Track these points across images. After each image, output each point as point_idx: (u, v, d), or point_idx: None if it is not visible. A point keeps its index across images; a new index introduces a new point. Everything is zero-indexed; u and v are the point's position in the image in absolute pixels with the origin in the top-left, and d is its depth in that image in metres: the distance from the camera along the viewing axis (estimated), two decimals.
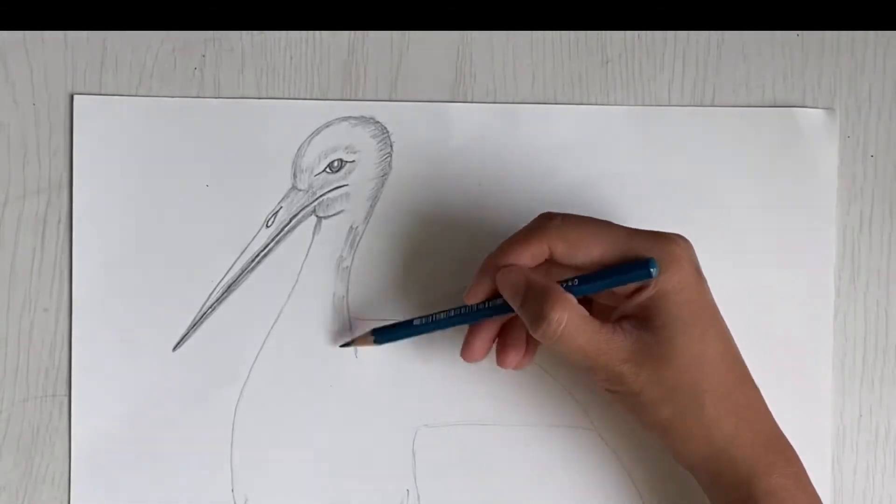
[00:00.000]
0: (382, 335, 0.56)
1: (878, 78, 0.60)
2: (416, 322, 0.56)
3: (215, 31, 0.59)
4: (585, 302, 0.52)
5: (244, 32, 0.59)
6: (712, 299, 0.52)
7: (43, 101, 0.58)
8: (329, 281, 0.58)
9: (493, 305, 0.53)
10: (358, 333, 0.57)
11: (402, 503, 0.58)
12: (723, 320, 0.52)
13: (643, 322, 0.50)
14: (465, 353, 0.55)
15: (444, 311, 0.55)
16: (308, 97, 0.59)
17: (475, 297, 0.53)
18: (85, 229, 0.58)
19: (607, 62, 0.59)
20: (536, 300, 0.50)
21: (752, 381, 0.52)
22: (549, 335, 0.50)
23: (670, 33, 0.59)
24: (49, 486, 0.58)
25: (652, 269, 0.50)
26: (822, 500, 0.51)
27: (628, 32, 0.59)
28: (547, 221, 0.52)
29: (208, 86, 0.59)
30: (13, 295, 0.58)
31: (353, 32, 0.59)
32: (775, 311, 0.59)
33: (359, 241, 0.58)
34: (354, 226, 0.58)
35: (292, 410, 0.58)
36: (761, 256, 0.59)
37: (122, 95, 0.58)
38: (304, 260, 0.58)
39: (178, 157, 0.58)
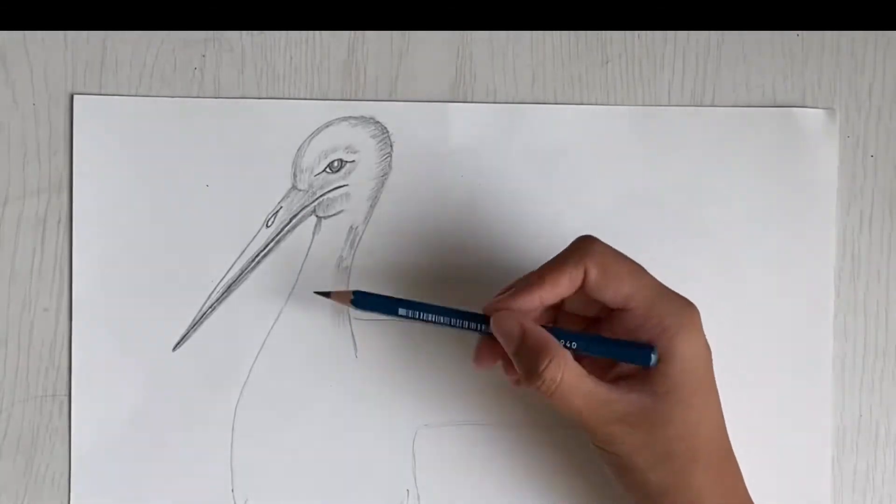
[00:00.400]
0: (363, 300, 0.54)
1: (878, 78, 0.60)
2: (400, 311, 0.54)
3: (215, 31, 0.59)
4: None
5: (244, 32, 0.59)
6: (713, 374, 0.51)
7: (43, 101, 0.58)
8: (329, 281, 0.58)
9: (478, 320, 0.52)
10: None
11: (402, 503, 0.58)
12: (718, 396, 0.51)
13: (644, 384, 0.49)
14: (477, 361, 0.53)
15: (431, 311, 0.53)
16: (308, 97, 0.59)
17: (504, 311, 0.51)
18: (85, 229, 0.58)
19: (607, 62, 0.59)
20: (532, 353, 0.49)
21: (733, 453, 0.52)
22: (542, 391, 0.49)
23: (670, 33, 0.59)
24: (49, 486, 0.58)
25: (652, 357, 0.49)
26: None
27: (628, 32, 0.59)
28: (590, 244, 0.50)
29: (208, 86, 0.59)
30: (13, 295, 0.58)
31: (353, 32, 0.59)
32: (775, 311, 0.59)
33: (359, 241, 0.58)
34: (354, 226, 0.58)
35: (292, 410, 0.58)
36: (761, 256, 0.59)
37: (122, 95, 0.58)
38: (304, 260, 0.58)
39: (178, 157, 0.58)
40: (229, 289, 0.58)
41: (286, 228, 0.58)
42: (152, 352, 0.58)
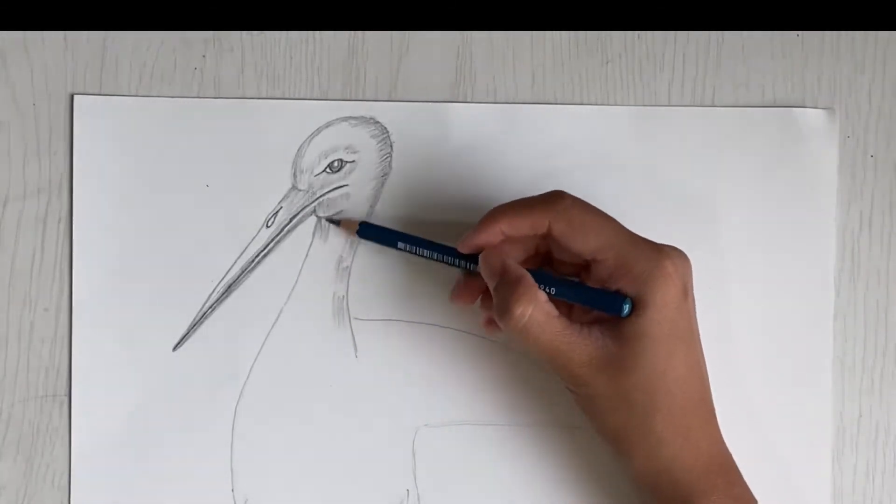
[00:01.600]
0: (367, 230, 0.57)
1: (878, 78, 0.60)
2: (399, 245, 0.56)
3: (215, 31, 0.59)
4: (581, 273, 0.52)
5: (244, 32, 0.59)
6: (692, 321, 0.51)
7: (43, 101, 0.58)
8: (329, 281, 0.58)
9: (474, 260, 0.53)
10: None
11: (402, 503, 0.58)
12: (697, 343, 0.51)
13: (613, 330, 0.50)
14: (454, 295, 0.55)
15: (430, 244, 0.55)
16: (308, 97, 0.59)
17: (467, 248, 0.53)
18: (85, 229, 0.58)
19: (607, 62, 0.59)
20: (506, 289, 0.50)
21: (709, 405, 0.52)
22: (510, 327, 0.50)
23: (670, 33, 0.59)
24: (49, 486, 0.58)
25: (625, 307, 0.50)
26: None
27: (628, 32, 0.59)
28: (557, 198, 0.52)
29: (208, 86, 0.59)
30: (13, 295, 0.58)
31: (353, 32, 0.59)
32: (775, 311, 0.59)
33: (359, 242, 0.58)
34: None
35: (292, 410, 0.58)
36: (761, 256, 0.59)
37: (122, 95, 0.58)
38: (304, 260, 0.58)
39: (178, 157, 0.58)
40: (229, 289, 0.58)
41: (286, 229, 0.58)
42: (152, 352, 0.58)
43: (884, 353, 0.59)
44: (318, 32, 0.59)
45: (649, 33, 0.59)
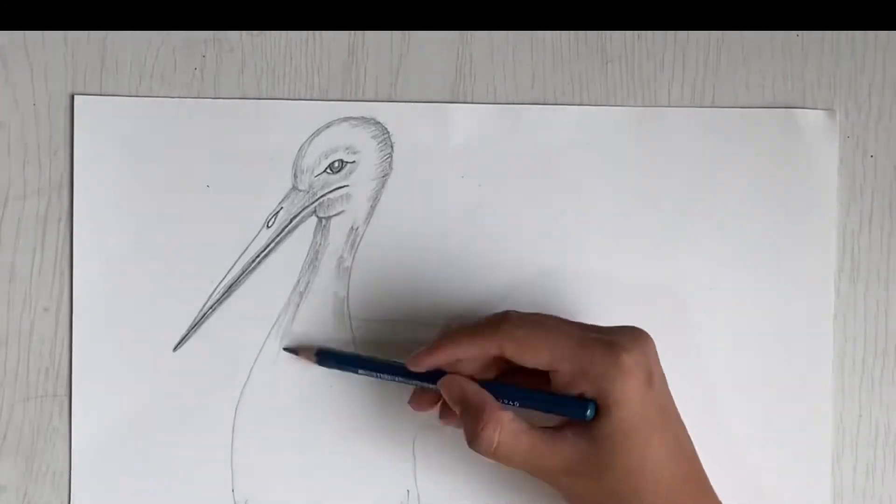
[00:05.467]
0: (326, 358, 0.57)
1: (878, 78, 0.60)
2: (360, 372, 0.56)
3: (215, 31, 0.59)
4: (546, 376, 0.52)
5: (244, 32, 0.59)
6: (664, 403, 0.51)
7: (43, 101, 0.58)
8: (330, 281, 0.58)
9: (432, 377, 0.53)
10: (305, 344, 0.58)
11: (402, 503, 0.58)
12: (673, 423, 0.51)
13: (585, 431, 0.50)
14: (412, 403, 0.55)
15: (388, 366, 0.55)
16: (308, 97, 0.59)
17: (417, 368, 0.53)
18: (85, 229, 0.58)
19: (607, 62, 0.59)
20: (470, 417, 0.50)
21: (699, 479, 0.52)
22: (482, 453, 0.50)
23: (670, 33, 0.59)
24: (49, 486, 0.58)
25: (588, 411, 0.49)
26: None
27: (628, 32, 0.59)
28: (502, 320, 0.52)
29: (208, 86, 0.59)
30: (13, 295, 0.58)
31: (353, 32, 0.59)
32: (775, 311, 0.59)
33: (359, 242, 0.58)
34: (355, 226, 0.58)
35: (292, 411, 0.58)
36: (761, 257, 0.59)
37: (122, 95, 0.58)
38: (305, 261, 0.58)
39: (179, 157, 0.58)
40: (230, 289, 0.58)
41: (287, 229, 0.58)
42: (153, 352, 0.58)
43: (884, 353, 0.59)
44: (318, 32, 0.59)
45: (649, 33, 0.59)
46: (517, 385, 0.52)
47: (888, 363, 0.59)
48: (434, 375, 0.53)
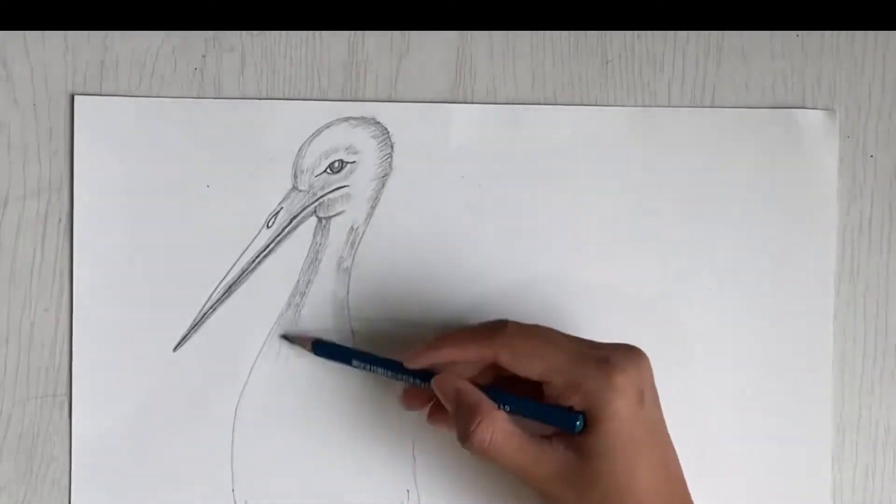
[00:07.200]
0: (322, 348, 0.57)
1: (878, 78, 0.60)
2: (354, 363, 0.56)
3: (215, 31, 0.59)
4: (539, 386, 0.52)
5: (244, 32, 0.59)
6: (654, 423, 0.51)
7: (43, 101, 0.58)
8: (329, 281, 0.58)
9: (426, 376, 0.54)
10: (305, 336, 0.58)
11: (402, 503, 0.58)
12: (660, 445, 0.51)
13: (574, 443, 0.50)
14: (404, 399, 0.56)
15: (383, 361, 0.55)
16: (308, 97, 0.59)
17: (414, 365, 0.54)
18: (85, 229, 0.58)
19: (607, 62, 0.59)
20: (465, 414, 0.51)
21: (684, 501, 0.51)
22: (474, 451, 0.50)
23: (670, 33, 0.59)
24: (49, 486, 0.58)
25: (577, 423, 0.50)
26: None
27: (628, 32, 0.59)
28: (500, 328, 0.52)
29: (208, 86, 0.59)
30: (13, 295, 0.58)
31: (353, 32, 0.59)
32: (775, 312, 0.59)
33: (359, 242, 0.58)
34: (355, 226, 0.58)
35: (293, 411, 0.58)
36: (761, 257, 0.59)
37: (122, 95, 0.58)
38: (305, 261, 0.58)
39: (179, 158, 0.58)
40: (230, 289, 0.58)
41: (287, 229, 0.58)
42: (153, 352, 0.58)
43: (884, 353, 0.59)
44: (318, 32, 0.59)
45: (649, 33, 0.59)
46: (510, 392, 0.52)
47: (888, 363, 0.59)
48: (428, 374, 0.53)
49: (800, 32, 0.60)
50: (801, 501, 0.58)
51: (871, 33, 0.60)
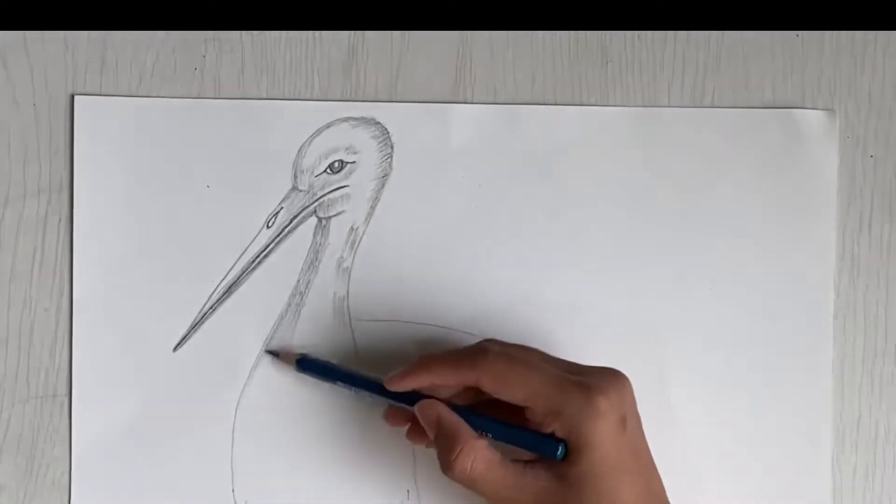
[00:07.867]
0: (306, 365, 0.57)
1: (878, 78, 0.60)
2: (338, 383, 0.56)
3: (215, 31, 0.59)
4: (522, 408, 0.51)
5: (244, 32, 0.59)
6: (636, 448, 0.51)
7: (43, 101, 0.58)
8: (329, 281, 0.58)
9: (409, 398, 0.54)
10: (288, 352, 0.58)
11: (402, 503, 0.58)
12: (644, 469, 0.51)
13: (556, 469, 0.50)
14: (387, 418, 0.56)
15: (366, 381, 0.55)
16: (308, 97, 0.59)
17: (395, 388, 0.54)
18: (85, 229, 0.58)
19: (607, 62, 0.59)
20: (446, 443, 0.51)
21: None
22: (455, 480, 0.51)
23: (670, 33, 0.59)
24: (49, 486, 0.58)
25: (559, 450, 0.50)
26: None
27: (628, 32, 0.59)
28: (482, 353, 0.52)
29: (208, 86, 0.59)
30: (13, 295, 0.58)
31: (353, 32, 0.59)
32: (775, 312, 0.59)
33: (359, 242, 0.58)
34: (355, 226, 0.58)
35: (292, 411, 0.58)
36: (761, 257, 0.59)
37: (122, 95, 0.58)
38: (305, 261, 0.58)
39: (179, 158, 0.58)
40: (230, 289, 0.58)
41: (287, 229, 0.58)
42: (153, 352, 0.58)
43: (884, 353, 0.59)
44: (318, 32, 0.59)
45: (649, 33, 0.59)
46: (492, 416, 0.52)
47: (888, 363, 0.59)
48: (410, 396, 0.53)
49: (800, 32, 0.60)
50: (801, 501, 0.58)
51: (871, 33, 0.60)
